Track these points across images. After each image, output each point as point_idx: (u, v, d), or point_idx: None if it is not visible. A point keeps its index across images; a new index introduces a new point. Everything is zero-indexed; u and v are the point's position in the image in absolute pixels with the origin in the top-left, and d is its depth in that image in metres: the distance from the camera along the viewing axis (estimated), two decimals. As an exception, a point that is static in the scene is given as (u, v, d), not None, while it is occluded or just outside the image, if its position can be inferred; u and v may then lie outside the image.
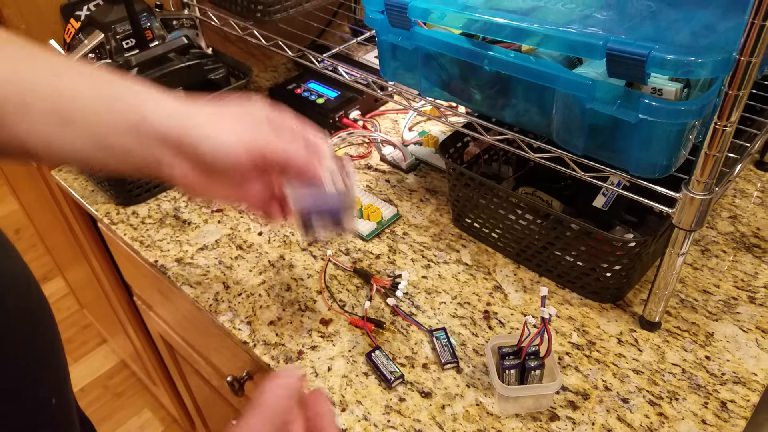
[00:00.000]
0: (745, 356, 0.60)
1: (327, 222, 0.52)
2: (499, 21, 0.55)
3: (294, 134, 0.48)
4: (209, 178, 0.46)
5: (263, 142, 0.45)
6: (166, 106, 0.44)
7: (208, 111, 0.45)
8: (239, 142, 0.44)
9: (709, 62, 0.45)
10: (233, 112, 0.46)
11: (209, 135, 0.44)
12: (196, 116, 0.44)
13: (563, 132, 0.58)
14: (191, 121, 0.44)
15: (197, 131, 0.44)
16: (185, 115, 0.44)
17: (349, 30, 1.15)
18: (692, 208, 0.52)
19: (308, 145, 0.48)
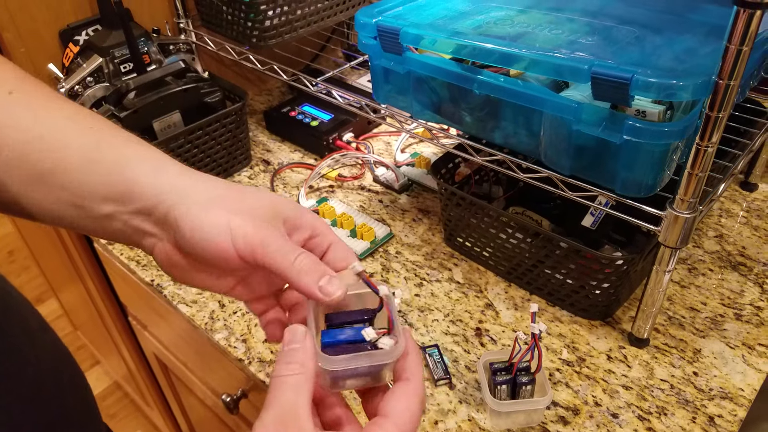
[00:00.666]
0: (732, 372, 0.61)
1: (362, 379, 0.39)
2: (488, 46, 0.57)
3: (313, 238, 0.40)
4: (194, 263, 0.39)
5: (263, 248, 0.36)
6: (159, 178, 0.37)
7: (208, 191, 0.38)
8: (228, 240, 0.36)
9: (690, 85, 0.47)
10: (239, 198, 0.38)
11: (195, 221, 0.36)
12: (192, 194, 0.37)
13: (551, 153, 0.59)
14: (183, 200, 0.37)
15: (185, 213, 0.36)
16: (178, 192, 0.37)
17: (342, 55, 1.17)
18: (677, 226, 0.53)
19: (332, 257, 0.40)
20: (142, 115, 0.80)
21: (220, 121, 0.86)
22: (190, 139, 0.84)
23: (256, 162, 0.96)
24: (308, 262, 0.36)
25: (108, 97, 0.81)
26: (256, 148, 0.99)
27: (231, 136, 0.89)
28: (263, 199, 0.39)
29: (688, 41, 0.56)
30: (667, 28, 0.59)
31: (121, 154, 0.38)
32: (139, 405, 1.62)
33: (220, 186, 0.39)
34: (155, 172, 0.38)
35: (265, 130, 1.04)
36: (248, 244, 0.36)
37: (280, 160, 0.96)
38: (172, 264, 0.39)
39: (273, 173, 0.92)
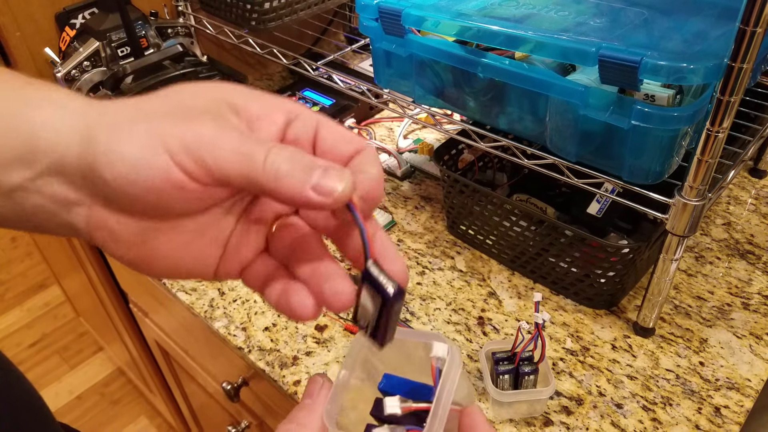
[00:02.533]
0: (739, 362, 0.60)
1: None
2: (493, 28, 0.56)
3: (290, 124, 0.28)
4: (143, 225, 0.27)
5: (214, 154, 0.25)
6: (66, 114, 0.26)
7: (124, 112, 0.26)
8: (166, 161, 0.24)
9: (701, 68, 0.46)
10: (164, 104, 0.26)
11: (112, 153, 0.25)
12: (102, 120, 0.26)
13: (557, 139, 0.58)
14: (93, 135, 0.25)
15: (98, 150, 0.25)
16: (87, 123, 0.26)
17: (344, 38, 1.16)
18: (685, 214, 0.52)
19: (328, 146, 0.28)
20: (140, 100, 0.79)
21: (219, 107, 0.85)
22: (189, 124, 0.83)
23: (257, 148, 0.94)
24: (285, 154, 0.25)
25: (105, 81, 0.79)
26: (256, 133, 0.97)
27: (231, 121, 0.88)
28: (199, 94, 0.27)
29: (699, 24, 0.54)
30: (677, 11, 0.57)
31: (18, 103, 0.27)
32: (142, 391, 1.63)
33: (140, 102, 0.27)
34: (57, 113, 0.26)
35: (265, 116, 1.02)
36: (194, 156, 0.24)
37: (280, 146, 0.95)
38: (116, 237, 0.27)
39: (273, 159, 0.91)
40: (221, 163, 0.24)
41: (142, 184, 0.25)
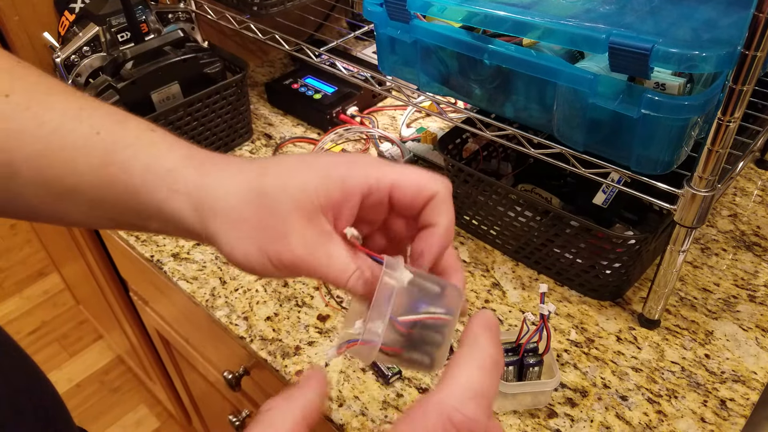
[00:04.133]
0: (745, 355, 0.59)
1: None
2: (500, 14, 0.54)
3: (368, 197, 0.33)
4: None
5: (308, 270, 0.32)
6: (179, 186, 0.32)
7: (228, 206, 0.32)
8: (263, 262, 0.32)
9: (713, 56, 0.45)
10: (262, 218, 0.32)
11: (227, 244, 0.32)
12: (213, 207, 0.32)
13: (564, 127, 0.57)
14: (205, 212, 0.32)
15: (216, 235, 0.32)
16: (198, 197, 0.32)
17: (347, 24, 1.14)
18: (694, 205, 0.51)
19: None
20: (140, 86, 0.78)
21: (220, 93, 0.84)
22: (189, 111, 0.82)
23: (258, 136, 0.93)
24: (362, 283, 0.32)
25: (105, 67, 0.78)
26: (257, 121, 0.97)
27: (231, 108, 0.87)
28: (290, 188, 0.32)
29: (708, 12, 0.53)
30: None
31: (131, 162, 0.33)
32: (142, 379, 1.62)
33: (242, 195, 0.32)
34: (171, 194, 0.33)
35: (266, 103, 1.01)
36: (288, 268, 0.32)
37: (282, 134, 0.94)
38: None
39: (275, 148, 0.90)
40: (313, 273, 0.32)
41: (247, 267, 0.32)
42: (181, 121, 0.82)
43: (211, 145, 0.87)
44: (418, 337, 0.32)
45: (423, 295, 0.32)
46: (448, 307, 0.32)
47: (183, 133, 0.83)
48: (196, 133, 0.84)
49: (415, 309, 0.32)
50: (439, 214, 0.33)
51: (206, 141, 0.86)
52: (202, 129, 0.85)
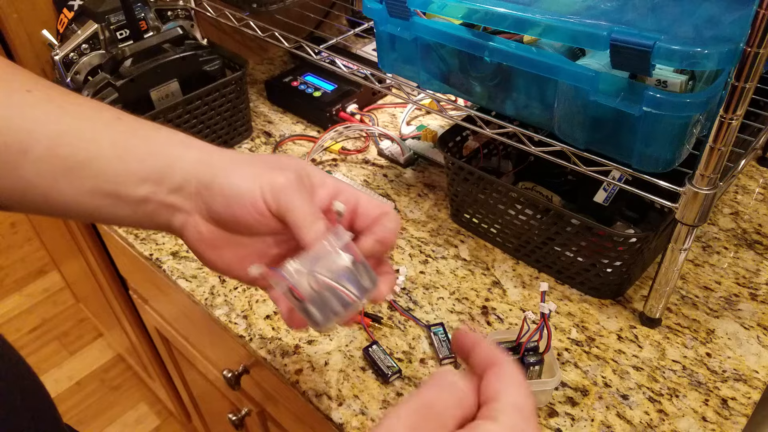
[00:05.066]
0: (747, 353, 0.59)
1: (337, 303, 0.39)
2: (501, 11, 0.54)
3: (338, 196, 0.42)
4: (223, 235, 0.41)
5: (287, 201, 0.38)
6: (192, 152, 0.40)
7: (236, 158, 0.41)
8: (257, 188, 0.38)
9: (715, 53, 0.44)
10: (265, 159, 0.41)
11: (224, 181, 0.39)
12: (220, 161, 0.40)
13: (565, 125, 0.57)
14: (213, 166, 0.40)
15: (216, 176, 0.39)
16: (209, 161, 0.40)
17: (346, 22, 1.14)
18: (696, 203, 0.51)
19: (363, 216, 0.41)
20: (139, 84, 0.77)
21: (219, 91, 0.84)
22: (188, 108, 0.81)
23: (257, 134, 0.93)
24: (324, 230, 0.38)
25: (104, 64, 0.78)
26: (257, 119, 0.96)
27: (231, 106, 0.86)
28: (290, 160, 0.41)
29: (710, 9, 0.52)
30: (689, -6, 0.55)
31: (154, 137, 0.40)
32: (142, 377, 1.62)
33: (246, 154, 0.42)
34: (187, 149, 0.41)
35: (266, 101, 1.01)
36: (275, 194, 0.38)
37: (281, 131, 0.93)
38: (202, 239, 0.41)
39: (275, 146, 0.90)
40: (287, 207, 0.38)
41: (238, 205, 0.39)
42: (181, 119, 0.81)
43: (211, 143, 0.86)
44: (326, 299, 0.39)
45: (350, 274, 0.39)
46: (362, 293, 0.39)
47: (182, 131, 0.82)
48: (196, 130, 0.84)
49: (337, 279, 0.38)
50: (390, 221, 0.41)
51: (206, 139, 0.85)
52: (201, 127, 0.84)
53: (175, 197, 0.40)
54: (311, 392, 0.58)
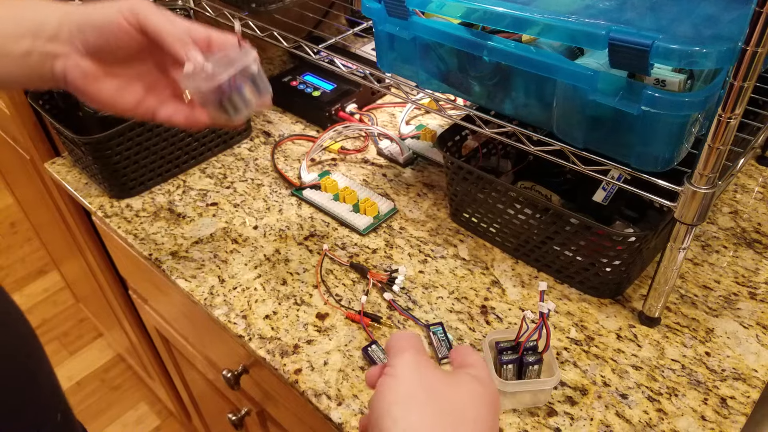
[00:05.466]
0: (746, 352, 0.59)
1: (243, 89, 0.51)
2: (500, 10, 0.54)
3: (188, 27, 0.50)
4: (102, 68, 0.49)
5: (144, 13, 0.47)
6: (59, 7, 0.49)
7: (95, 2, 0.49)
8: (118, 12, 0.47)
9: (713, 52, 0.44)
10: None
11: (94, 10, 0.48)
12: (85, 6, 0.48)
13: (564, 124, 0.57)
14: (81, 10, 0.48)
15: (84, 13, 0.48)
16: (77, 9, 0.48)
17: (345, 21, 1.14)
18: (695, 202, 0.51)
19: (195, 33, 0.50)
20: (138, 84, 0.77)
21: (219, 91, 0.83)
22: (188, 109, 0.81)
23: (257, 134, 0.93)
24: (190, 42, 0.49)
25: (103, 64, 0.78)
26: (256, 119, 0.96)
27: (230, 106, 0.86)
28: None
29: (709, 8, 0.52)
30: (688, -7, 0.55)
31: (25, 4, 0.49)
32: (141, 377, 1.63)
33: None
34: (54, 6, 0.49)
35: (266, 101, 1.01)
36: (133, 10, 0.47)
37: (281, 131, 0.93)
38: (84, 74, 0.49)
39: (274, 145, 0.90)
40: (146, 19, 0.48)
41: (108, 30, 0.48)
42: (180, 119, 0.81)
43: (210, 143, 0.87)
44: (227, 97, 0.50)
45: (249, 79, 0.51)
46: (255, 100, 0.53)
47: (181, 131, 0.82)
48: (195, 131, 0.84)
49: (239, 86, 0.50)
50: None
51: (204, 138, 0.86)
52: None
53: (52, 45, 0.48)
54: (310, 392, 0.58)
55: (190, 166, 0.86)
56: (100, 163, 0.77)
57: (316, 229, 0.76)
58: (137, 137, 0.78)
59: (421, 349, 0.39)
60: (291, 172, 0.85)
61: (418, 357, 0.37)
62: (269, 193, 0.82)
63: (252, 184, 0.83)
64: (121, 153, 0.77)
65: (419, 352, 0.38)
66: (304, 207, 0.79)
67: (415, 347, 0.38)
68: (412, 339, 0.39)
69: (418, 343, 0.39)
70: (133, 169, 0.80)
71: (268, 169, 0.86)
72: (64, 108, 0.82)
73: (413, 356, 0.37)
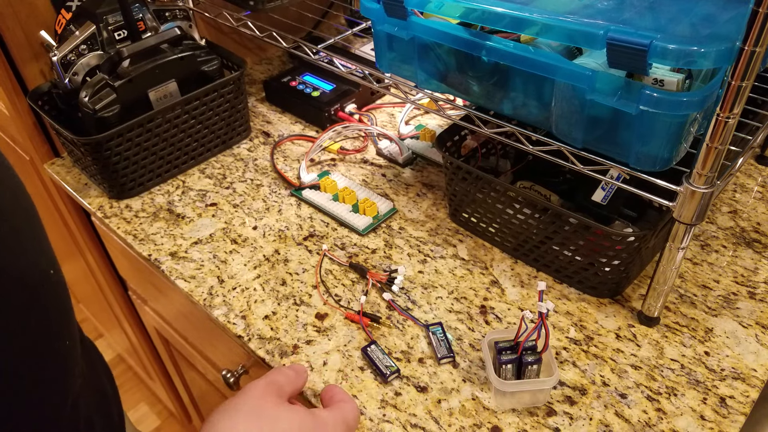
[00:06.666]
0: (745, 352, 0.59)
1: None
2: (498, 10, 0.54)
3: None
4: None
5: None
6: None
7: None
8: None
9: (712, 52, 0.44)
10: None
11: None
12: None
13: (562, 124, 0.57)
14: None
15: None
16: None
17: (345, 21, 1.14)
18: (693, 201, 0.51)
19: None
20: (138, 84, 0.77)
21: (217, 91, 0.84)
22: (187, 109, 0.81)
23: (256, 134, 0.93)
24: None
25: (102, 65, 0.78)
26: (255, 119, 0.96)
27: (229, 106, 0.86)
28: None
29: (707, 7, 0.52)
30: (687, -7, 0.55)
31: None
32: (142, 378, 1.62)
33: None
34: None
35: (264, 101, 1.01)
36: None
37: (280, 132, 0.93)
38: None
39: (273, 146, 0.90)
40: None
41: None
42: (179, 119, 0.81)
43: (210, 143, 0.87)
44: None
45: None
46: None
47: (181, 132, 0.82)
48: (194, 131, 0.84)
49: None
50: None
51: (204, 139, 0.86)
52: (200, 127, 0.84)
53: None
54: (310, 392, 0.58)
55: (189, 167, 0.86)
56: (99, 163, 0.77)
57: (315, 229, 0.76)
58: (136, 138, 0.78)
59: (282, 382, 0.45)
60: (290, 172, 0.85)
61: (268, 384, 0.43)
62: (268, 194, 0.82)
63: (251, 184, 0.83)
64: (120, 153, 0.77)
65: (274, 383, 0.44)
66: (304, 207, 0.79)
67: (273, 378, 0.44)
68: (279, 373, 0.45)
69: (279, 377, 0.45)
70: (132, 170, 0.80)
71: (268, 169, 0.86)
72: (63, 109, 0.82)
73: (264, 381, 0.43)
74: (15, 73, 0.86)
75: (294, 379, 0.47)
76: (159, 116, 0.79)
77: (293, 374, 0.47)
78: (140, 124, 0.77)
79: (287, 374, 0.47)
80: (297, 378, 0.47)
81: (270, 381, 0.44)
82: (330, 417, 0.44)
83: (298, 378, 0.48)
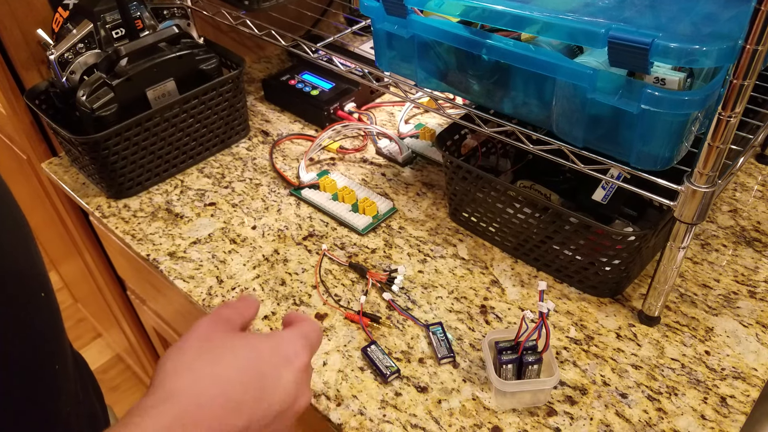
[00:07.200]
0: (745, 351, 0.59)
1: None
2: (499, 8, 0.54)
3: None
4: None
5: None
6: None
7: None
8: None
9: (713, 51, 0.44)
10: None
11: None
12: None
13: (563, 123, 0.56)
14: None
15: None
16: None
17: (344, 20, 1.13)
18: (694, 201, 0.51)
19: None
20: (135, 83, 0.77)
21: (216, 90, 0.83)
22: (185, 108, 0.81)
23: (255, 133, 0.93)
24: None
25: (99, 64, 0.78)
26: (254, 118, 0.96)
27: (228, 105, 0.86)
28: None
29: (708, 6, 0.52)
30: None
31: None
32: (140, 377, 1.62)
33: None
34: None
35: (263, 100, 1.00)
36: None
37: (279, 131, 0.93)
38: None
39: (272, 145, 0.90)
40: None
41: None
42: (177, 118, 0.81)
43: (208, 142, 0.87)
44: None
45: None
46: None
47: (179, 131, 0.82)
48: (192, 130, 0.84)
49: None
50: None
51: (203, 138, 0.85)
52: (198, 126, 0.84)
53: None
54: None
55: (187, 166, 0.86)
56: (97, 163, 0.77)
57: (314, 228, 0.75)
58: (134, 137, 0.78)
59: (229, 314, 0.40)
60: (289, 171, 0.85)
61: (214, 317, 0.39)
62: (268, 193, 0.81)
63: (250, 183, 0.83)
64: (118, 153, 0.77)
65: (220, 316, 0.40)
66: (303, 207, 0.79)
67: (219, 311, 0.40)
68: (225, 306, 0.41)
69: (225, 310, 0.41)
70: (130, 169, 0.80)
71: (267, 168, 0.86)
72: (60, 108, 0.82)
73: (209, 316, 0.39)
74: (12, 71, 0.85)
75: (243, 309, 0.42)
76: (157, 115, 0.78)
77: (241, 304, 0.42)
78: (138, 123, 0.77)
79: (235, 305, 0.42)
80: (246, 308, 0.42)
81: (215, 314, 0.40)
82: (289, 334, 0.40)
83: (247, 308, 0.42)
